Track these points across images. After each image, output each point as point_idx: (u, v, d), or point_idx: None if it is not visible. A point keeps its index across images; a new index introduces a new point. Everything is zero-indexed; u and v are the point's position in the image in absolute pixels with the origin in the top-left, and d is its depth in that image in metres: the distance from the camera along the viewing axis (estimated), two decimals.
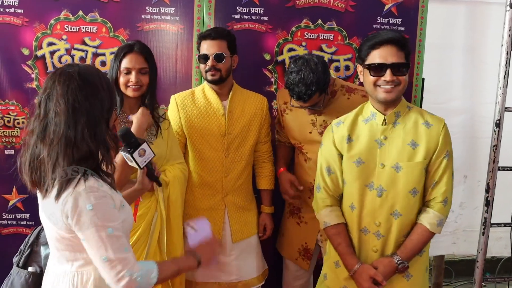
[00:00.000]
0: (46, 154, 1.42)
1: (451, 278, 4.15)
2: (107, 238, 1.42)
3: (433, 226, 1.94)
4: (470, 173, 3.20)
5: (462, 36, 3.11)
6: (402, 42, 1.91)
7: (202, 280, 2.52)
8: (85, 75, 1.44)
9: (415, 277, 2.00)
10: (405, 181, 1.93)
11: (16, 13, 2.61)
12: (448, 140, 1.94)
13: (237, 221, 2.51)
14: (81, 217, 1.40)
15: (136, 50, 2.15)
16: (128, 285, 1.44)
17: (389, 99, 1.90)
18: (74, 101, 1.41)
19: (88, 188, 1.41)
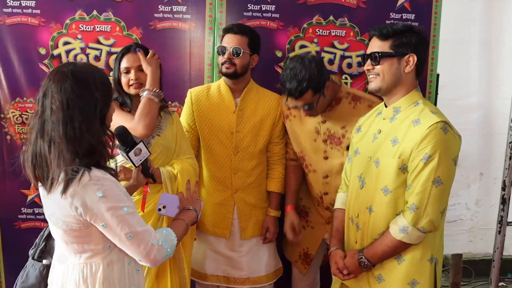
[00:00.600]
0: (47, 151, 1.47)
1: (471, 278, 4.09)
2: (126, 216, 1.49)
3: (395, 231, 1.80)
4: (486, 171, 3.15)
5: (479, 30, 3.07)
6: (386, 31, 1.85)
7: (211, 272, 2.55)
8: (78, 74, 1.49)
9: (388, 283, 1.88)
10: (379, 177, 1.86)
11: (33, 13, 2.68)
12: (432, 141, 1.73)
13: (247, 219, 2.52)
14: (94, 206, 1.46)
15: (133, 50, 2.21)
16: (158, 253, 1.54)
17: (371, 88, 1.90)
18: (68, 99, 1.45)
19: (94, 177, 1.46)
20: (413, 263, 1.85)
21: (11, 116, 2.76)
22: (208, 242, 2.56)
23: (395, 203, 1.83)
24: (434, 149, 1.73)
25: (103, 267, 1.57)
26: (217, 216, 2.51)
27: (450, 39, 2.99)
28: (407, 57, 1.84)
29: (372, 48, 1.88)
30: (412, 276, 1.85)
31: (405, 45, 1.84)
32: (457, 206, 3.18)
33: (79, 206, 1.46)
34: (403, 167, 1.80)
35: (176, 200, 1.89)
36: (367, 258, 1.87)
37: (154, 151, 2.23)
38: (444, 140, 1.75)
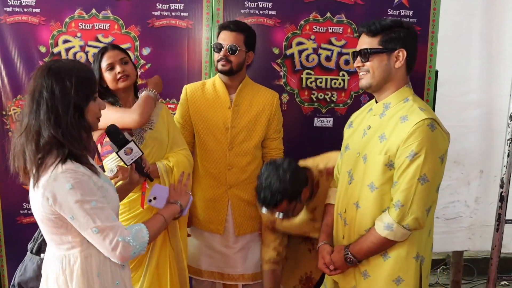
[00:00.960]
0: (24, 143, 1.53)
1: (473, 276, 4.07)
2: (93, 210, 1.50)
3: (380, 228, 1.79)
4: (486, 168, 3.12)
5: (479, 27, 3.02)
6: (375, 28, 1.83)
7: (206, 268, 2.58)
8: (53, 70, 1.52)
9: (373, 279, 1.88)
10: (366, 173, 1.85)
11: (33, 12, 2.73)
12: (418, 139, 1.71)
13: (241, 215, 2.54)
14: (63, 198, 1.49)
15: (110, 48, 2.25)
16: (124, 250, 1.53)
17: (361, 85, 1.90)
18: (39, 96, 1.50)
19: (65, 170, 1.49)
20: (398, 260, 1.84)
21: (12, 113, 2.81)
22: (203, 238, 2.58)
23: (381, 199, 1.83)
24: (420, 146, 1.72)
25: (80, 259, 1.59)
26: (211, 212, 2.53)
27: (450, 35, 2.97)
28: (397, 53, 1.82)
29: (361, 45, 1.87)
30: (397, 273, 1.84)
31: (394, 40, 1.82)
32: (456, 204, 3.16)
33: (49, 197, 1.50)
34: (390, 164, 1.79)
35: (166, 192, 1.92)
36: (353, 254, 1.87)
37: (148, 146, 2.27)
38: (431, 137, 1.73)
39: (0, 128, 2.84)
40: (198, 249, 2.59)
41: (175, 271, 2.36)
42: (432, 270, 4.05)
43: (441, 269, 4.13)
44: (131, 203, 2.24)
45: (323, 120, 2.90)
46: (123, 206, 2.22)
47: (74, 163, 1.53)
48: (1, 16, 2.73)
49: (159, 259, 2.30)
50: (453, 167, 3.12)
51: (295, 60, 2.81)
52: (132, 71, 2.25)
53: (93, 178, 1.57)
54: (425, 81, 2.84)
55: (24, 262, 2.50)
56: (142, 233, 1.60)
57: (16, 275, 2.49)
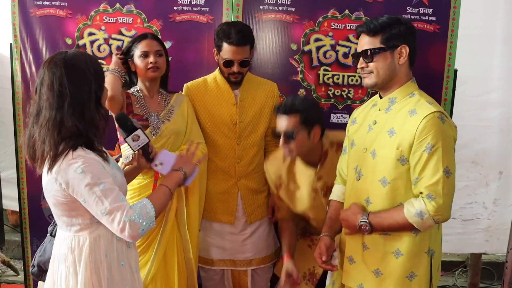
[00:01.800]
0: (37, 134, 1.59)
1: (493, 280, 4.00)
2: (102, 192, 1.57)
3: (410, 213, 1.77)
4: (506, 169, 3.08)
5: (502, 26, 2.99)
6: (374, 27, 1.84)
7: (218, 258, 2.64)
8: (70, 61, 1.59)
9: (386, 277, 1.88)
10: (377, 168, 1.86)
11: (61, 6, 2.85)
12: (431, 131, 1.73)
13: (251, 204, 2.60)
14: (75, 182, 1.56)
15: (150, 36, 2.33)
16: (131, 229, 1.59)
17: (366, 84, 1.91)
18: (60, 86, 1.56)
19: (76, 156, 1.57)
20: (411, 257, 1.85)
21: None
22: (213, 229, 2.64)
23: (393, 194, 1.84)
24: (435, 138, 1.73)
25: (89, 240, 1.67)
26: (222, 204, 2.59)
27: (470, 34, 2.94)
28: (399, 49, 1.84)
29: (363, 46, 1.88)
30: (410, 269, 1.86)
31: (395, 37, 1.83)
32: (474, 205, 3.12)
33: (62, 182, 1.58)
34: (402, 159, 1.80)
35: (173, 159, 1.95)
36: (371, 223, 1.85)
37: (163, 136, 2.34)
38: (443, 129, 1.76)
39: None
40: (208, 240, 2.65)
41: (182, 259, 2.42)
42: (450, 272, 4.03)
43: (460, 271, 4.08)
44: (142, 188, 2.31)
45: (339, 116, 2.92)
46: (133, 191, 2.30)
47: (85, 149, 1.61)
48: (31, 9, 2.85)
49: (167, 247, 2.36)
50: (471, 167, 3.09)
51: (313, 56, 2.83)
52: (163, 64, 2.33)
53: (103, 164, 1.63)
54: (444, 80, 2.81)
55: (43, 243, 2.62)
56: (146, 209, 1.65)
57: (36, 255, 2.61)
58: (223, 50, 2.44)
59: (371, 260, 1.91)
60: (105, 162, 1.66)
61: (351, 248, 1.99)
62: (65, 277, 1.69)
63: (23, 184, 3.04)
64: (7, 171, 3.51)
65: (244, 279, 2.71)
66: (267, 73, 2.78)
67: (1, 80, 3.35)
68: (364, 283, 1.93)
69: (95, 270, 1.68)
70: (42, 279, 2.63)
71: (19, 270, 3.76)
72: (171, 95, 2.45)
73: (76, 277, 1.68)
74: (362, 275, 1.94)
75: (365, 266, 1.92)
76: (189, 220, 2.40)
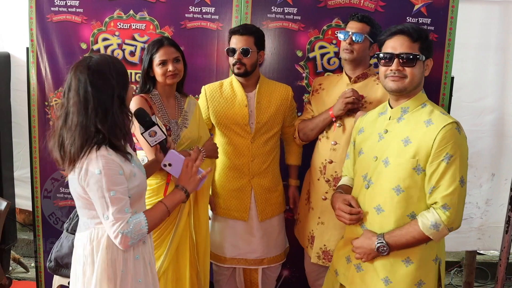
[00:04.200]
0: (66, 137, 1.71)
1: (487, 279, 4.15)
2: (110, 199, 1.69)
3: (425, 226, 1.80)
4: (498, 171, 3.23)
5: (496, 35, 3.14)
6: (416, 34, 1.86)
7: (231, 256, 2.75)
8: (94, 67, 1.70)
9: (395, 285, 1.90)
10: (390, 176, 1.88)
11: (77, 12, 2.98)
12: (450, 141, 1.77)
13: (263, 202, 2.71)
14: (90, 179, 1.69)
15: (167, 43, 2.39)
16: (122, 241, 1.73)
17: (394, 88, 1.88)
18: (85, 92, 1.68)
19: (98, 156, 1.69)
20: (421, 265, 1.88)
21: (54, 104, 3.06)
22: (227, 226, 2.75)
23: (407, 202, 1.86)
24: (454, 149, 1.77)
25: (108, 233, 1.77)
26: (236, 201, 2.71)
27: (467, 43, 3.10)
28: (428, 61, 1.91)
29: (403, 49, 1.86)
30: (419, 277, 1.89)
31: (428, 49, 1.89)
32: (468, 205, 3.27)
33: (82, 178, 1.70)
34: (418, 168, 1.82)
35: (181, 162, 1.97)
36: (389, 243, 1.86)
37: (182, 144, 2.43)
38: (460, 140, 1.81)
39: (43, 118, 3.09)
40: (222, 237, 2.76)
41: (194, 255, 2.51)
42: (446, 272, 4.16)
43: (455, 271, 4.23)
44: (159, 188, 2.40)
45: None
46: (151, 191, 2.38)
47: (108, 149, 1.72)
48: (47, 15, 2.98)
49: (179, 243, 2.46)
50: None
51: (317, 63, 2.97)
52: (181, 69, 2.40)
53: (123, 166, 1.74)
54: (441, 86, 2.94)
55: (60, 239, 2.74)
56: (140, 225, 1.76)
57: (53, 250, 2.72)
58: (230, 43, 2.61)
59: (381, 268, 1.92)
60: (127, 162, 1.77)
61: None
62: (82, 265, 1.80)
63: (37, 183, 3.15)
64: (21, 170, 3.61)
65: (255, 276, 2.83)
66: (274, 78, 2.89)
67: (18, 83, 3.47)
68: None
69: (111, 262, 1.78)
70: (59, 273, 2.76)
71: (29, 268, 3.87)
72: (184, 98, 2.54)
73: (93, 266, 1.78)
74: (369, 283, 1.95)
75: (375, 273, 1.93)
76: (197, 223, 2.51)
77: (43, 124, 3.10)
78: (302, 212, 2.79)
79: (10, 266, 3.80)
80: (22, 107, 3.38)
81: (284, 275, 3.13)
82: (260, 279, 2.82)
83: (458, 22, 2.85)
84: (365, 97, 2.49)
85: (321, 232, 2.58)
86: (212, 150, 2.55)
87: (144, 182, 1.91)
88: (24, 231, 4.30)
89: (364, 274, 1.97)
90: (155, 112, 2.38)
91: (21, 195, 3.61)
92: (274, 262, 2.80)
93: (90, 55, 1.84)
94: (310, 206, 2.68)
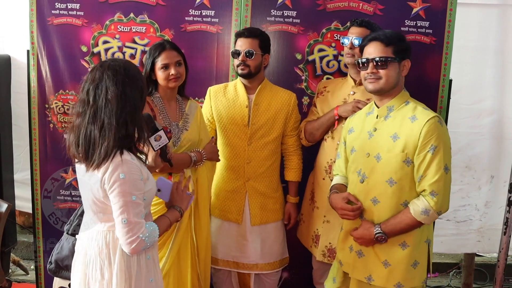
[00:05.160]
0: (98, 134, 1.72)
1: (485, 281, 4.16)
2: (130, 203, 1.72)
3: (416, 212, 2.00)
4: (497, 174, 3.25)
5: (494, 38, 3.17)
6: (388, 39, 2.06)
7: (223, 257, 2.77)
8: (128, 69, 1.75)
9: (394, 267, 2.09)
10: (383, 170, 2.06)
11: (77, 15, 2.99)
12: (434, 134, 1.97)
13: (257, 206, 2.71)
14: (115, 182, 1.71)
15: (168, 47, 2.41)
16: (139, 246, 1.75)
17: (371, 89, 2.09)
18: (122, 92, 1.71)
19: (123, 160, 1.72)
20: (416, 247, 2.08)
21: (54, 106, 3.07)
22: (221, 227, 2.77)
23: (400, 192, 2.06)
24: (438, 140, 1.97)
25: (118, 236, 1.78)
26: (230, 203, 2.72)
27: (465, 46, 3.12)
28: (404, 62, 2.08)
29: (377, 53, 2.08)
30: (414, 258, 2.08)
31: (403, 51, 2.09)
32: (467, 207, 3.29)
33: (106, 181, 1.72)
34: (407, 160, 2.02)
35: (170, 186, 2.04)
36: (385, 232, 2.06)
37: (182, 146, 2.45)
38: (443, 132, 2.01)
39: (43, 120, 3.10)
40: (216, 238, 2.77)
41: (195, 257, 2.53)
42: (444, 273, 4.18)
43: (454, 272, 4.24)
44: None
45: None
46: None
47: (130, 154, 1.76)
48: (48, 18, 2.99)
49: (181, 245, 2.48)
50: (465, 172, 3.26)
51: (316, 66, 2.99)
52: (183, 72, 2.43)
53: (142, 170, 1.78)
54: (439, 89, 2.97)
55: (60, 241, 2.73)
56: (155, 233, 1.83)
57: (54, 253, 2.71)
58: (235, 45, 2.65)
59: (380, 252, 2.10)
60: (143, 166, 1.81)
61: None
62: (99, 269, 1.82)
63: (37, 185, 3.16)
64: (22, 172, 3.62)
65: (249, 280, 2.84)
66: (273, 81, 2.90)
67: (18, 85, 3.49)
68: (372, 274, 2.12)
69: (127, 263, 1.82)
70: (59, 275, 2.75)
71: (28, 270, 3.88)
72: (185, 101, 2.56)
73: (111, 269, 1.81)
74: (370, 267, 2.13)
75: (376, 257, 2.11)
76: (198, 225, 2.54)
77: (43, 126, 3.11)
78: (305, 212, 2.81)
79: (10, 268, 3.80)
80: (22, 110, 3.39)
81: (284, 277, 3.14)
82: (252, 284, 2.83)
83: (456, 25, 2.88)
84: (370, 99, 2.51)
85: (326, 231, 2.62)
86: (213, 153, 2.56)
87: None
88: (23, 233, 4.31)
89: (364, 259, 2.15)
90: (156, 115, 2.39)
91: (21, 197, 3.62)
92: (267, 269, 2.78)
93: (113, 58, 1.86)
94: (315, 205, 2.71)
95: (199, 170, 2.49)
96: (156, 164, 2.15)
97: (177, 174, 2.42)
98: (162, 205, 2.40)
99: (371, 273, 2.12)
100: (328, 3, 2.91)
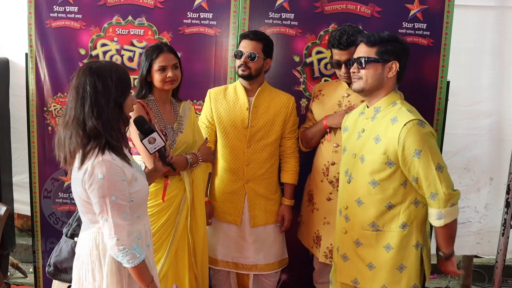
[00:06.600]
0: (63, 133, 1.76)
1: (484, 282, 4.16)
2: (110, 204, 1.73)
3: (436, 222, 2.00)
4: (496, 176, 3.25)
5: (491, 40, 3.18)
6: (372, 40, 2.06)
7: (222, 258, 2.77)
8: (95, 70, 1.76)
9: (378, 270, 2.09)
10: (366, 172, 2.07)
11: (76, 18, 3.00)
12: (415, 138, 1.94)
13: (256, 208, 2.73)
14: (93, 183, 1.72)
15: (166, 49, 2.42)
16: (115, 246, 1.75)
17: (354, 88, 2.13)
18: (84, 91, 1.74)
19: (104, 160, 1.73)
20: (399, 250, 2.06)
21: (52, 109, 3.08)
22: (221, 228, 2.78)
23: (383, 194, 2.05)
24: (421, 143, 1.94)
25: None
26: (230, 204, 2.73)
27: (462, 47, 3.13)
28: (390, 64, 2.06)
29: (359, 53, 2.09)
30: (399, 261, 2.07)
31: (389, 52, 2.05)
32: (466, 209, 3.29)
33: (86, 181, 1.73)
34: (389, 162, 2.02)
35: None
36: (447, 253, 2.07)
37: (177, 148, 2.46)
38: (425, 133, 1.98)
39: (42, 123, 3.10)
40: (215, 239, 2.78)
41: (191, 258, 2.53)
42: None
43: None
44: (157, 192, 2.43)
45: None
46: (150, 194, 2.37)
47: (112, 154, 1.76)
48: (46, 21, 3.00)
49: (178, 247, 2.48)
50: (463, 173, 3.26)
51: (314, 68, 2.99)
52: (179, 75, 2.45)
53: (124, 170, 1.77)
54: (437, 91, 2.97)
55: (59, 244, 2.73)
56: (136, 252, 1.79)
57: (52, 255, 2.72)
58: (239, 46, 2.66)
59: (365, 255, 2.11)
60: (128, 165, 1.80)
61: (344, 246, 2.19)
62: (91, 270, 1.83)
63: (36, 188, 3.17)
64: (20, 175, 3.63)
65: (248, 281, 2.85)
66: (272, 83, 2.90)
67: (17, 88, 3.48)
68: (358, 277, 2.13)
69: (118, 265, 1.82)
70: (58, 278, 2.75)
71: (27, 273, 3.87)
72: (179, 103, 2.57)
73: (102, 270, 1.81)
74: (355, 270, 2.14)
75: (360, 260, 2.11)
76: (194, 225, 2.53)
77: (42, 129, 3.11)
78: (304, 213, 2.82)
79: (9, 271, 3.80)
80: (21, 113, 3.39)
81: (283, 279, 3.14)
82: (251, 284, 2.83)
83: (453, 27, 2.88)
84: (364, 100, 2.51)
85: (327, 232, 2.63)
86: (207, 154, 2.57)
87: (146, 187, 1.94)
88: (22, 236, 4.30)
89: (350, 263, 2.16)
90: (151, 118, 2.40)
91: (19, 200, 3.62)
92: (266, 270, 2.79)
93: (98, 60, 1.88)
94: (314, 207, 2.71)
95: (195, 171, 2.50)
96: (157, 168, 2.14)
97: (174, 176, 2.43)
98: (162, 205, 2.42)
99: (357, 276, 2.13)
100: (326, 5, 2.92)
